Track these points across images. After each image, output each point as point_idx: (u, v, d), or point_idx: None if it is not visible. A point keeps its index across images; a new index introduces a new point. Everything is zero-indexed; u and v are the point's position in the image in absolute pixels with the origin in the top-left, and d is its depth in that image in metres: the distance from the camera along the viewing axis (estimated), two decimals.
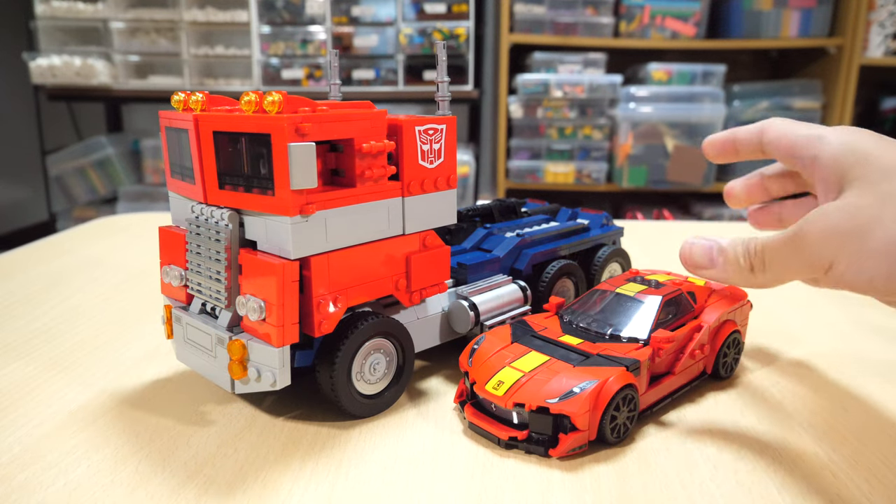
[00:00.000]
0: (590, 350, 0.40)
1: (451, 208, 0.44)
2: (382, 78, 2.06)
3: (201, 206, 0.40)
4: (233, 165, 0.38)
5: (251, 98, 0.36)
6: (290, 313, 0.36)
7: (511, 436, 0.37)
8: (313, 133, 0.35)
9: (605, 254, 0.57)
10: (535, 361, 0.39)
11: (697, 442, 0.38)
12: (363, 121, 0.38)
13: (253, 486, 0.34)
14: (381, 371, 0.42)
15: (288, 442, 0.38)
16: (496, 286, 0.49)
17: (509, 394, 0.37)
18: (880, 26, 2.09)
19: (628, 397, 0.38)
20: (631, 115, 2.05)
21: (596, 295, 0.46)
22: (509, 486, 0.34)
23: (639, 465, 0.36)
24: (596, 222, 0.60)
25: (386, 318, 0.41)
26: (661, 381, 0.41)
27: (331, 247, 0.38)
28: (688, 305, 0.45)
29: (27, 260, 0.76)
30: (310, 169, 0.35)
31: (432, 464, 0.36)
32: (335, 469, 0.35)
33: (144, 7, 2.05)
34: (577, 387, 0.36)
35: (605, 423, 0.37)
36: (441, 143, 0.42)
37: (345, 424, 0.40)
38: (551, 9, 2.08)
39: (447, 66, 0.46)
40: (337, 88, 0.50)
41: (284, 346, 0.37)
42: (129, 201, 2.18)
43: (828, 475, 0.35)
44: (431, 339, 0.46)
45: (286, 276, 0.36)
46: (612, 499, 0.33)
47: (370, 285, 0.40)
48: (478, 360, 0.41)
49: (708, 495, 0.33)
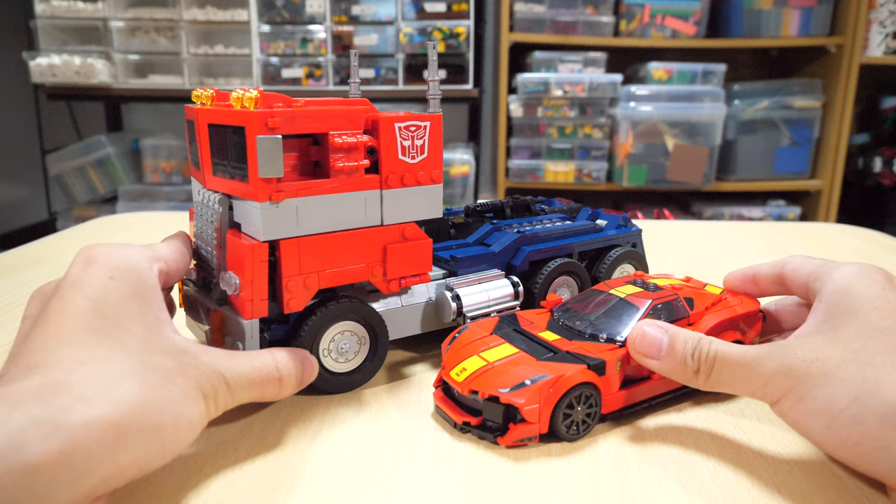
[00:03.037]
0: (562, 347, 0.41)
1: (435, 203, 0.46)
2: (382, 77, 2.06)
3: (203, 191, 0.44)
4: (221, 154, 0.41)
5: (239, 94, 0.39)
6: (258, 290, 0.39)
7: (465, 420, 0.39)
8: (282, 127, 0.38)
9: (616, 255, 0.55)
10: (504, 353, 0.40)
11: (697, 442, 0.38)
12: (337, 117, 0.40)
13: (253, 486, 0.34)
14: (352, 352, 0.44)
15: (288, 442, 0.38)
16: (486, 280, 0.49)
17: (468, 380, 0.39)
18: (880, 25, 2.09)
19: (585, 395, 0.38)
20: (631, 115, 2.05)
21: (591, 295, 0.46)
22: (508, 486, 0.34)
23: (639, 464, 0.36)
24: (613, 223, 0.58)
25: (356, 303, 0.43)
26: (638, 386, 0.41)
27: (302, 232, 0.40)
28: (682, 311, 0.43)
29: (27, 259, 0.76)
30: (276, 160, 0.38)
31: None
32: (335, 468, 0.36)
33: (144, 6, 2.05)
34: (529, 379, 0.37)
35: (556, 417, 0.37)
36: (424, 140, 0.44)
37: (344, 424, 0.40)
38: (551, 8, 2.08)
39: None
40: (356, 87, 0.52)
41: (253, 320, 0.40)
42: (128, 200, 2.18)
43: (828, 475, 0.35)
44: (414, 327, 0.48)
45: (255, 255, 0.39)
46: (612, 498, 0.33)
47: (344, 271, 0.42)
48: (454, 347, 0.43)
49: (708, 495, 0.33)
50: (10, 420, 0.26)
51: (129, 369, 0.30)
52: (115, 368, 0.30)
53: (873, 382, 0.32)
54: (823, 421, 0.33)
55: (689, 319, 0.43)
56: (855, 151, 2.34)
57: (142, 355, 0.31)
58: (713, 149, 2.10)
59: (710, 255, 0.82)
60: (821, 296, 0.38)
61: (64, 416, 0.27)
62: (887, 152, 2.26)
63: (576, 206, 0.63)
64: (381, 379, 0.46)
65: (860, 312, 0.35)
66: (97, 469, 0.27)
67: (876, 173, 2.28)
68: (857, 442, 0.32)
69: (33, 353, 0.30)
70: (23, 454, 0.25)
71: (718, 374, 0.36)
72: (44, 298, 0.34)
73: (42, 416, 0.26)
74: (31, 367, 0.29)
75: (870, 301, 0.35)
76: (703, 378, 0.37)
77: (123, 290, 0.33)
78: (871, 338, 0.34)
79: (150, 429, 0.29)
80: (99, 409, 0.28)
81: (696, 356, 0.37)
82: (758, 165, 2.18)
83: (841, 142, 2.14)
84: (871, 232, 0.93)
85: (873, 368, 0.32)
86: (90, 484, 0.27)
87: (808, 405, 0.33)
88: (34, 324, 0.32)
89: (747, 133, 2.15)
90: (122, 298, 0.32)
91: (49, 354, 0.29)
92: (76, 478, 0.27)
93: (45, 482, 0.26)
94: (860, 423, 0.31)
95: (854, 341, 0.34)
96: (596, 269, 0.56)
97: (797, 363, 0.34)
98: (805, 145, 2.18)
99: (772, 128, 2.15)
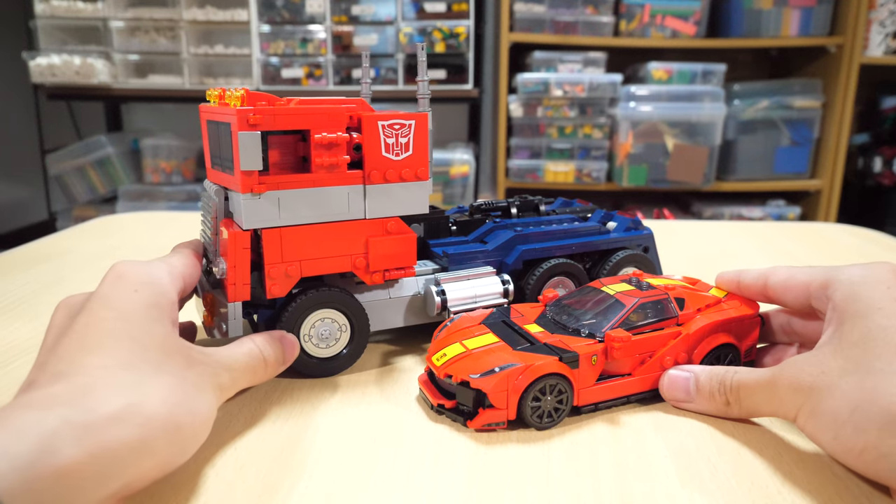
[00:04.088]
0: (541, 339, 0.42)
1: (421, 199, 0.47)
2: (382, 77, 2.06)
3: (207, 182, 0.48)
4: (216, 148, 0.45)
5: (230, 93, 0.42)
6: (240, 275, 0.42)
7: (440, 403, 0.40)
8: (263, 124, 0.40)
9: (618, 258, 0.55)
10: (485, 342, 0.42)
11: (697, 442, 0.38)
12: (318, 115, 0.42)
13: (253, 486, 0.34)
14: (333, 338, 0.46)
15: (288, 442, 0.38)
16: (475, 276, 0.50)
17: (445, 365, 0.41)
18: (880, 25, 2.09)
19: (553, 385, 0.39)
20: (631, 114, 2.05)
21: (585, 291, 0.47)
22: (508, 485, 0.34)
23: (639, 464, 0.36)
24: (623, 226, 0.58)
25: (336, 292, 0.46)
26: (616, 381, 0.41)
27: (284, 223, 0.43)
28: (670, 311, 0.43)
29: (27, 259, 0.76)
30: (255, 154, 0.40)
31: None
32: (335, 468, 0.36)
33: (144, 6, 2.05)
34: (499, 367, 0.39)
35: (524, 405, 0.38)
36: (409, 138, 0.45)
37: (343, 423, 0.40)
38: (551, 8, 2.08)
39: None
40: (367, 87, 0.53)
41: (236, 303, 0.43)
42: (128, 200, 2.18)
43: (828, 475, 0.35)
44: (401, 319, 0.50)
45: (237, 243, 0.42)
46: (611, 498, 0.33)
47: (327, 261, 0.45)
48: (443, 335, 0.45)
49: (708, 495, 0.33)
50: (42, 423, 0.26)
51: (150, 371, 0.32)
52: (135, 371, 0.31)
53: (871, 391, 0.32)
54: (830, 433, 0.33)
55: (678, 320, 0.44)
56: (855, 151, 2.34)
57: (160, 356, 0.33)
58: (713, 149, 2.10)
59: (711, 255, 0.82)
60: (833, 304, 0.37)
61: (93, 417, 0.27)
62: (887, 152, 2.26)
63: (590, 208, 0.62)
64: (382, 375, 0.46)
65: (867, 315, 0.35)
66: (123, 471, 0.28)
67: (876, 173, 2.28)
68: (861, 451, 0.32)
69: (59, 361, 0.31)
70: (55, 457, 0.25)
71: (746, 401, 0.38)
72: (70, 311, 0.36)
73: (73, 418, 0.27)
74: (57, 374, 0.30)
75: (876, 301, 0.35)
76: (737, 408, 0.39)
77: (146, 300, 0.35)
78: (873, 340, 0.33)
79: (172, 428, 0.30)
80: (124, 412, 0.29)
81: (721, 389, 0.39)
82: (758, 165, 2.18)
83: (841, 142, 2.14)
84: (871, 232, 0.93)
85: (872, 375, 0.32)
86: (115, 487, 0.28)
87: (817, 419, 0.34)
88: (62, 334, 0.33)
89: (747, 133, 2.15)
90: (144, 307, 0.35)
91: (73, 363, 0.30)
92: (103, 481, 0.27)
93: (74, 486, 0.26)
94: (861, 432, 0.31)
95: (856, 347, 0.34)
96: (597, 271, 0.56)
97: (804, 378, 0.35)
98: (805, 145, 2.18)
99: (772, 128, 2.15)
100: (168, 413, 0.30)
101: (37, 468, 0.25)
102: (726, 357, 0.44)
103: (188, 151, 2.27)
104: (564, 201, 0.64)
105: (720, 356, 0.44)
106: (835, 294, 0.37)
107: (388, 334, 0.54)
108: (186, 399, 0.32)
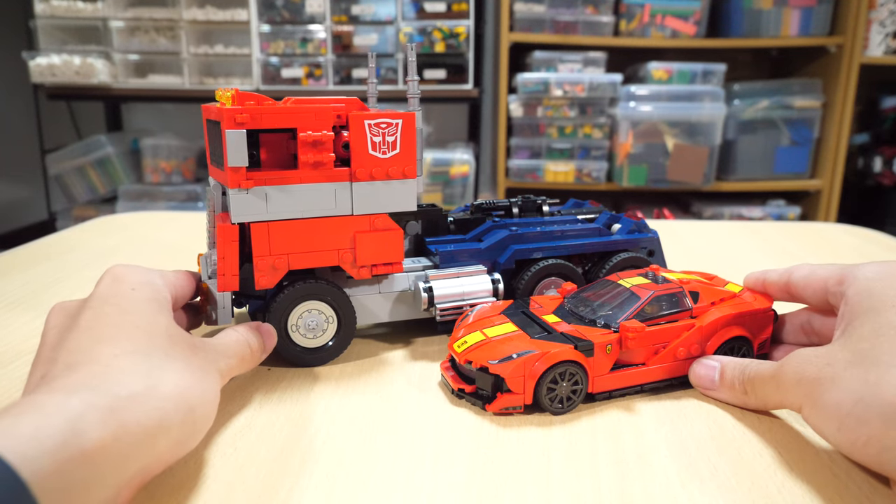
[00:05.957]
0: (558, 329, 0.43)
1: (408, 197, 0.48)
2: (382, 76, 2.06)
3: (212, 178, 0.49)
4: (213, 146, 0.46)
5: (223, 93, 0.44)
6: (229, 266, 0.44)
7: (460, 387, 0.42)
8: (249, 123, 0.42)
9: (616, 260, 0.55)
10: (504, 330, 0.44)
11: (697, 442, 0.38)
12: (304, 114, 0.43)
13: (253, 486, 0.34)
14: (320, 329, 0.48)
15: (288, 441, 0.38)
16: (465, 275, 0.51)
17: (466, 352, 0.42)
18: (880, 25, 2.09)
19: (569, 373, 0.40)
20: (631, 114, 2.05)
21: (602, 284, 0.48)
22: (508, 485, 0.34)
23: (638, 464, 0.36)
24: (627, 227, 0.58)
25: (322, 284, 0.47)
26: (630, 370, 0.43)
27: (271, 217, 0.44)
28: (684, 304, 0.45)
29: (27, 259, 0.76)
30: (241, 151, 0.42)
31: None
32: (336, 468, 0.35)
33: (144, 6, 2.05)
34: (516, 353, 0.40)
35: (540, 391, 0.40)
36: (396, 136, 0.46)
37: (343, 423, 0.40)
38: (551, 7, 2.08)
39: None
40: (374, 87, 0.55)
41: (225, 292, 0.45)
42: (128, 200, 2.18)
43: (828, 475, 0.35)
44: (390, 314, 0.51)
45: (226, 235, 0.43)
46: (611, 498, 0.33)
47: (314, 255, 0.46)
48: (465, 324, 0.46)
49: (708, 495, 0.33)
50: (68, 406, 0.26)
51: (160, 357, 0.33)
52: (147, 357, 0.32)
53: (875, 383, 0.32)
54: (834, 425, 0.33)
55: (692, 312, 0.45)
56: (855, 151, 2.34)
57: (166, 343, 0.34)
58: (713, 149, 2.10)
59: (711, 254, 0.82)
60: (846, 299, 0.38)
61: (116, 399, 0.28)
62: (887, 152, 2.26)
63: (597, 210, 0.62)
64: (381, 373, 0.46)
65: (879, 311, 0.35)
66: (141, 453, 0.28)
67: (876, 173, 2.28)
68: (865, 443, 0.32)
69: (70, 353, 0.31)
70: (82, 439, 0.26)
71: (759, 391, 0.39)
72: (66, 312, 0.36)
73: (97, 400, 0.27)
74: (72, 365, 0.30)
75: (889, 298, 0.35)
76: (753, 399, 0.40)
77: (145, 296, 0.36)
78: (883, 335, 0.34)
79: (186, 409, 0.31)
80: (143, 394, 0.29)
81: (741, 380, 0.40)
82: (758, 165, 2.18)
83: (841, 142, 2.14)
84: (871, 232, 0.93)
85: (877, 367, 0.32)
86: (133, 470, 0.28)
87: (821, 410, 0.34)
88: (66, 331, 0.34)
89: (747, 133, 2.15)
90: (145, 301, 0.36)
91: (86, 353, 0.31)
92: (124, 463, 0.27)
93: (98, 469, 0.26)
94: (864, 424, 0.31)
95: (865, 341, 0.34)
96: (595, 272, 0.56)
97: (809, 369, 0.35)
98: (805, 145, 2.18)
99: (772, 128, 2.15)
100: (181, 394, 0.31)
101: (66, 450, 0.25)
102: (739, 350, 0.45)
103: (188, 151, 2.27)
104: (576, 202, 0.64)
105: (733, 348, 0.45)
106: (849, 290, 0.38)
107: (384, 328, 0.54)
108: (196, 382, 0.33)
